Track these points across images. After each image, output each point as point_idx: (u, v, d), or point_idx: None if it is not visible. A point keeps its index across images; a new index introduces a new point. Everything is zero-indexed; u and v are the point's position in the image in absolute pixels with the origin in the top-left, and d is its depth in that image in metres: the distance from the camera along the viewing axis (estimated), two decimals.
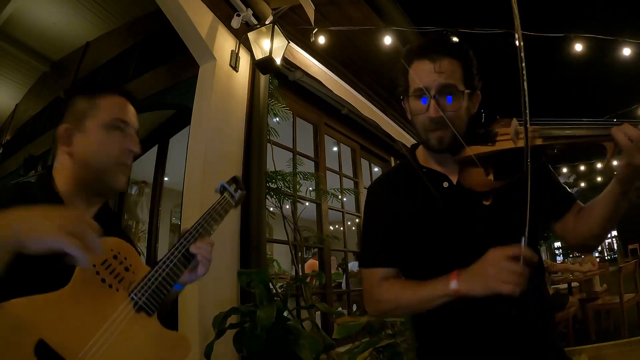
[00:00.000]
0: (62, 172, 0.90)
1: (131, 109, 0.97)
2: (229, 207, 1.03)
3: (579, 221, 0.94)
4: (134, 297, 0.79)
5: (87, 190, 0.91)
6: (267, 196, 2.75)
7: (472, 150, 0.90)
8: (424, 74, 0.93)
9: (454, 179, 0.98)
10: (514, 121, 0.86)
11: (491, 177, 0.91)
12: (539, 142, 0.84)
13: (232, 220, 2.53)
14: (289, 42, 2.81)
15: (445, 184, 0.98)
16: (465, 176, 0.95)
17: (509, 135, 0.87)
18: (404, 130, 5.26)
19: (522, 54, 0.73)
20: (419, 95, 0.94)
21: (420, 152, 1.08)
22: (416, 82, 0.94)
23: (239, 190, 1.10)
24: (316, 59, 3.45)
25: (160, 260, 0.86)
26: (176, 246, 0.89)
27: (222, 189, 1.06)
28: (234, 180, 1.11)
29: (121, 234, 0.95)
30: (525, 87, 0.73)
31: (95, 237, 0.66)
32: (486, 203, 0.93)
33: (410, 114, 1.00)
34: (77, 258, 0.62)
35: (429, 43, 0.96)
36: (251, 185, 2.64)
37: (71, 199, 0.88)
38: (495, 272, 0.78)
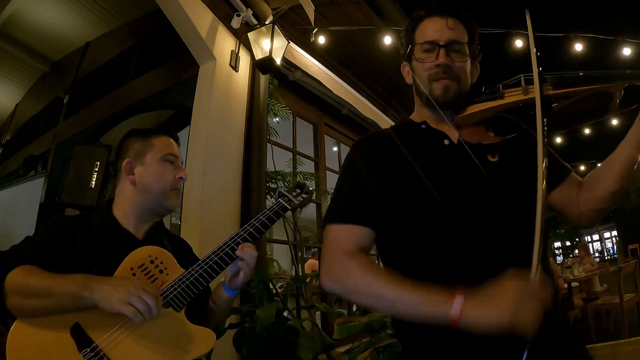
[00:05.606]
0: (123, 196, 1.08)
1: (177, 146, 1.16)
2: (283, 210, 1.13)
3: (590, 186, 0.89)
4: (162, 294, 0.92)
5: (146, 211, 1.07)
6: (267, 196, 2.75)
7: (479, 106, 0.87)
8: (433, 29, 0.91)
9: (454, 138, 0.90)
10: (522, 76, 0.84)
11: (494, 132, 0.89)
12: (550, 91, 0.80)
13: (232, 221, 2.53)
14: (289, 42, 2.81)
15: (446, 142, 0.90)
16: (471, 132, 0.89)
17: (519, 89, 0.84)
18: None
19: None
20: (428, 49, 0.91)
21: (416, 115, 0.99)
22: (425, 37, 0.91)
23: (303, 195, 1.19)
24: (316, 59, 3.44)
25: (197, 264, 0.98)
26: (213, 251, 1.00)
27: (279, 195, 1.15)
28: (298, 185, 1.22)
29: (173, 243, 1.11)
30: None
31: (151, 302, 0.84)
32: (492, 160, 0.86)
33: (414, 69, 0.95)
34: (134, 319, 0.82)
35: (440, 3, 0.94)
36: (251, 185, 2.64)
37: (126, 220, 1.06)
38: (515, 308, 0.63)
